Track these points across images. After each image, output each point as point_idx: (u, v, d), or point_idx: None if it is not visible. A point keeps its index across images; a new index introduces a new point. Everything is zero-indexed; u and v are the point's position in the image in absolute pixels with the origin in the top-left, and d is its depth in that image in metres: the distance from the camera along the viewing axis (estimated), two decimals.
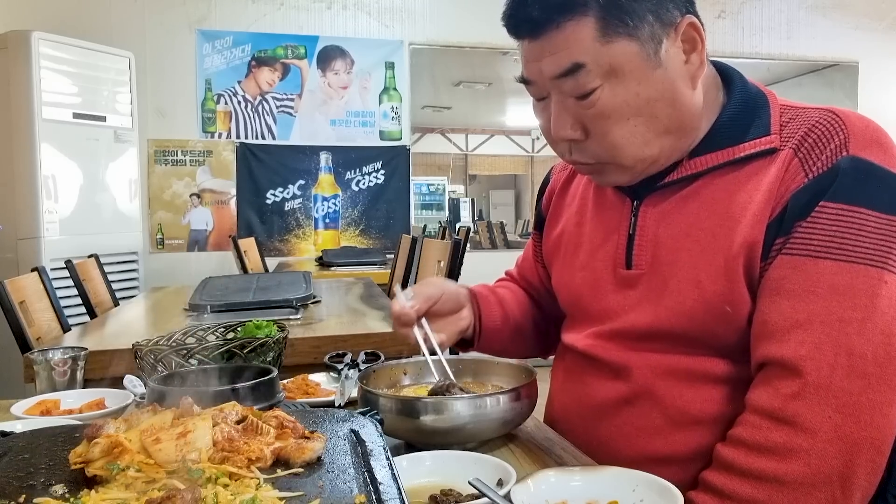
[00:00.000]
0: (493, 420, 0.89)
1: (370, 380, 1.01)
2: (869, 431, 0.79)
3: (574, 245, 1.08)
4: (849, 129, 0.85)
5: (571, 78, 0.86)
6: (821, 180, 0.83)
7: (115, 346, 1.62)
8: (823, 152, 0.85)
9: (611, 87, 0.86)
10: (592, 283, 1.02)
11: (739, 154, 0.90)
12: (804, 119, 0.89)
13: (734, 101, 0.93)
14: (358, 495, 0.59)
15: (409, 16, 5.02)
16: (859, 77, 5.71)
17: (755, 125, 0.91)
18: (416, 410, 0.87)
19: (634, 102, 0.86)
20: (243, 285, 2.36)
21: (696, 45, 0.89)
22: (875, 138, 0.85)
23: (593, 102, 0.87)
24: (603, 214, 1.04)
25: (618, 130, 0.88)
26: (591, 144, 0.90)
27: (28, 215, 3.63)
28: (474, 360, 1.08)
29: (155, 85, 4.62)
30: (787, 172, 0.86)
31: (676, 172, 0.94)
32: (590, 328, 1.02)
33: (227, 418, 0.71)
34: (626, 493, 0.70)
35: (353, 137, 4.99)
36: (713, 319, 0.89)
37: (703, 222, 0.91)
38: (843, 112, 0.88)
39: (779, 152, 0.88)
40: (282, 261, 4.69)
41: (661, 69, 0.87)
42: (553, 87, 0.89)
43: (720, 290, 0.88)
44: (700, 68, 0.90)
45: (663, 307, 0.92)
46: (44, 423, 0.89)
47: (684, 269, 0.91)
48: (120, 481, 0.61)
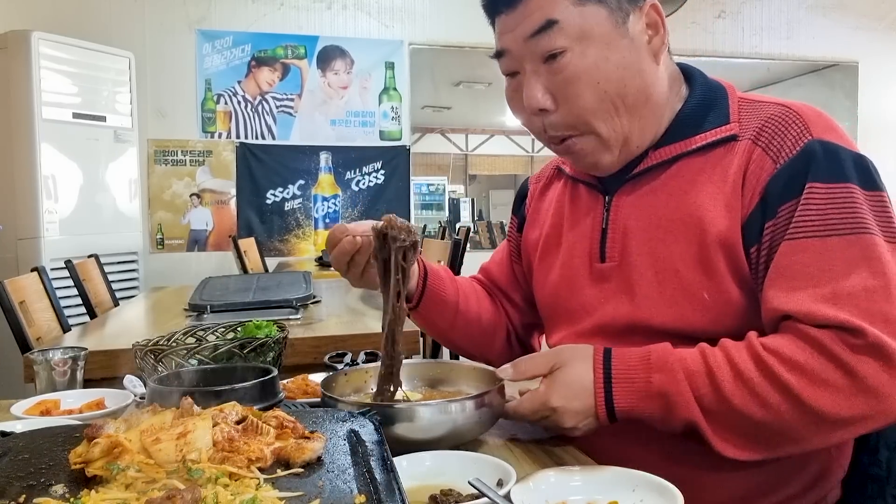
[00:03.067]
0: (449, 427, 0.84)
1: (337, 385, 1.00)
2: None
3: (552, 245, 1.09)
4: (804, 117, 0.88)
5: (544, 35, 0.89)
6: (794, 163, 0.86)
7: (115, 346, 1.63)
8: (786, 140, 0.88)
9: (581, 50, 0.89)
10: (570, 280, 1.04)
11: (701, 142, 0.94)
12: (760, 112, 0.93)
13: (695, 94, 0.97)
14: (358, 495, 0.59)
15: (409, 16, 5.02)
16: (859, 77, 5.71)
17: (714, 114, 0.95)
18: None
19: (604, 67, 0.90)
20: (243, 285, 2.36)
21: (658, 30, 0.94)
22: (829, 125, 0.89)
23: (564, 66, 0.90)
24: (578, 213, 1.06)
25: (588, 94, 0.90)
26: (563, 113, 0.93)
27: (28, 215, 3.63)
28: (440, 363, 1.07)
29: (155, 85, 4.61)
30: (752, 162, 0.89)
31: (643, 164, 0.97)
32: (571, 328, 1.03)
33: (227, 418, 0.71)
34: (626, 493, 0.70)
35: (353, 137, 5.00)
36: (691, 307, 0.91)
37: (674, 213, 0.93)
38: (793, 103, 0.92)
39: (739, 141, 0.92)
40: (282, 261, 4.69)
41: (628, 39, 0.91)
42: (526, 52, 0.92)
43: (698, 278, 0.90)
44: (661, 48, 0.94)
45: (643, 296, 0.94)
46: (44, 423, 0.89)
47: (661, 259, 0.93)
48: (120, 481, 0.62)
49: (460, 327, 1.17)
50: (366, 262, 1.01)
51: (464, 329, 1.18)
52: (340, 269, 1.03)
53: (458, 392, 1.01)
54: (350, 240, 0.98)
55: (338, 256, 1.01)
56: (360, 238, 0.98)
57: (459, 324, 1.17)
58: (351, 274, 1.03)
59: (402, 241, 0.90)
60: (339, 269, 1.03)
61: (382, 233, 0.91)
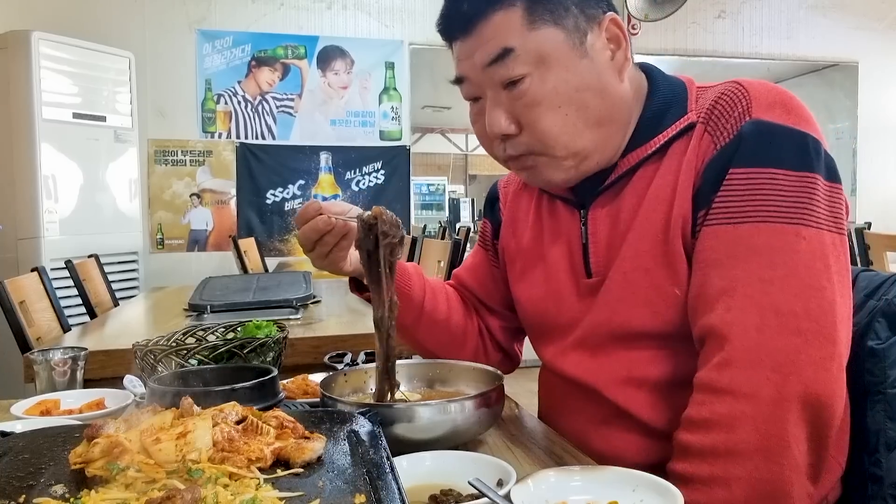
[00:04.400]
0: (449, 427, 0.84)
1: (337, 385, 0.99)
2: (814, 387, 0.78)
3: (534, 259, 1.08)
4: (751, 94, 0.87)
5: (501, 64, 0.89)
6: (727, 149, 0.86)
7: (115, 346, 1.63)
8: (728, 121, 0.87)
9: (540, 75, 0.89)
10: (557, 296, 1.03)
11: (663, 140, 0.93)
12: (713, 92, 0.91)
13: (656, 95, 0.96)
14: (358, 495, 0.59)
15: (409, 16, 5.02)
16: (859, 77, 5.71)
17: (674, 110, 0.94)
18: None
19: (564, 90, 0.89)
20: (243, 285, 2.36)
21: (620, 43, 0.93)
22: (778, 100, 0.86)
23: (524, 92, 0.89)
24: (558, 228, 1.04)
25: (549, 118, 0.90)
26: (524, 136, 0.92)
27: (28, 215, 3.64)
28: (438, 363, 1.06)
29: (155, 85, 4.62)
30: (700, 146, 0.89)
31: (613, 174, 0.96)
32: (562, 342, 1.03)
33: (227, 418, 0.71)
34: (626, 493, 0.70)
35: (353, 137, 5.00)
36: (664, 304, 0.90)
37: (639, 211, 0.93)
38: (747, 81, 0.90)
39: (696, 128, 0.91)
40: (282, 261, 4.69)
41: (588, 59, 0.90)
42: (486, 80, 0.92)
43: (666, 274, 0.90)
44: (625, 64, 0.93)
45: (617, 300, 0.94)
46: (44, 423, 0.89)
47: (632, 260, 0.93)
48: (120, 481, 0.62)
49: (426, 327, 1.14)
50: (334, 245, 0.98)
51: (429, 329, 1.15)
52: (306, 246, 0.99)
53: (457, 392, 1.01)
54: (325, 219, 0.95)
55: (308, 233, 0.96)
56: (336, 219, 0.96)
57: (425, 323, 1.14)
58: (316, 253, 0.99)
59: (392, 237, 0.89)
60: (305, 246, 0.99)
61: (370, 224, 0.88)
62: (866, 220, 4.16)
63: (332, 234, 0.96)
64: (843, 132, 5.78)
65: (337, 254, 0.99)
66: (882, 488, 0.90)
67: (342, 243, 0.98)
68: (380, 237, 0.88)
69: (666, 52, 5.19)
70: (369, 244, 0.89)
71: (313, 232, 0.96)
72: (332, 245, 0.98)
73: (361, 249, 0.90)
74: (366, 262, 0.90)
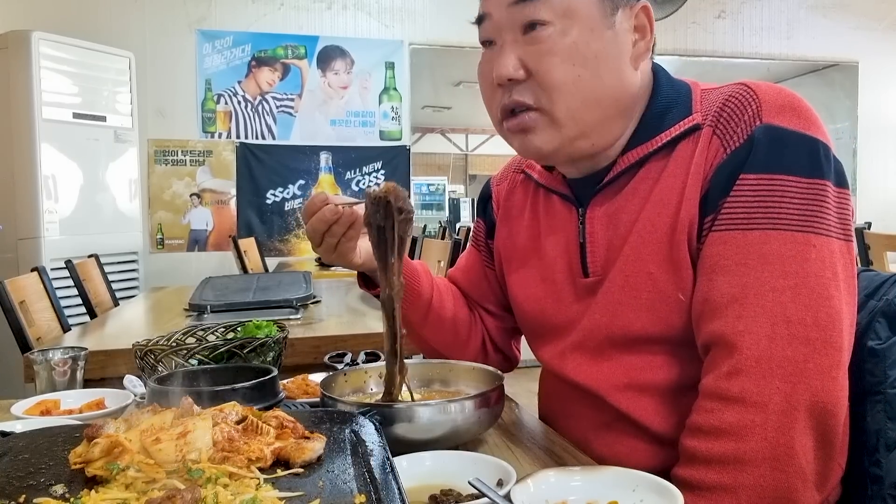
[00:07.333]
0: (452, 426, 0.84)
1: (337, 385, 0.99)
2: (821, 396, 0.78)
3: (530, 257, 1.07)
4: (760, 98, 0.85)
5: (530, 4, 0.87)
6: (738, 153, 0.84)
7: (115, 346, 1.62)
8: (738, 125, 0.85)
9: (563, 27, 0.87)
10: (555, 295, 1.02)
11: (666, 139, 0.91)
12: (719, 94, 0.90)
13: (660, 93, 0.95)
14: (358, 495, 0.59)
15: (409, 16, 5.02)
16: (859, 77, 5.71)
17: (678, 109, 0.92)
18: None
19: (583, 50, 0.88)
20: (243, 285, 2.36)
21: (645, 34, 0.92)
22: (788, 103, 0.85)
23: (542, 38, 0.88)
24: (555, 226, 1.03)
25: (562, 71, 0.88)
26: (531, 83, 0.90)
27: (28, 215, 3.64)
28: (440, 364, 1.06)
29: (155, 85, 4.62)
30: (709, 149, 0.87)
31: (612, 171, 0.95)
32: (560, 343, 1.02)
33: (227, 418, 0.71)
34: (626, 493, 0.70)
35: (353, 137, 5.00)
36: (667, 309, 0.89)
37: (642, 213, 0.91)
38: (755, 83, 0.88)
39: (702, 129, 0.89)
40: (282, 261, 4.69)
41: (612, 32, 0.89)
42: (507, 20, 0.90)
43: (671, 279, 0.89)
44: (644, 55, 0.92)
45: (618, 304, 0.93)
46: (44, 423, 0.89)
47: (634, 262, 0.91)
48: (120, 481, 0.61)
49: (432, 325, 1.14)
50: (342, 235, 0.97)
51: (436, 327, 1.14)
52: (315, 239, 0.98)
53: (457, 392, 1.01)
54: (332, 208, 0.94)
55: (316, 224, 0.96)
56: (343, 207, 0.94)
57: (432, 321, 1.13)
58: (325, 246, 0.98)
59: (408, 212, 0.88)
60: (314, 240, 0.98)
61: (385, 199, 0.87)
62: (866, 220, 4.16)
63: (340, 223, 0.96)
64: (843, 132, 5.78)
65: (346, 244, 0.99)
66: (882, 488, 0.90)
67: (350, 233, 0.97)
68: (395, 213, 0.87)
69: (666, 52, 5.19)
70: (379, 219, 0.87)
71: (321, 223, 0.95)
72: (340, 235, 0.97)
73: (371, 226, 0.88)
74: (374, 238, 0.88)
